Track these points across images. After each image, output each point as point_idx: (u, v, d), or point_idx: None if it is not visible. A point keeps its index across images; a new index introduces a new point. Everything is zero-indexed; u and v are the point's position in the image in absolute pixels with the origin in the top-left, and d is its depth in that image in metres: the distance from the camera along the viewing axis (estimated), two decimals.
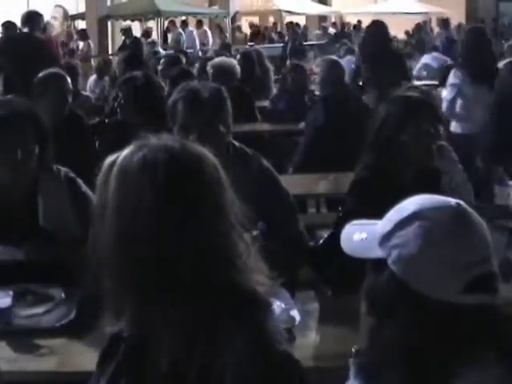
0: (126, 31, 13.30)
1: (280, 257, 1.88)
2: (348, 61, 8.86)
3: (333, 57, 6.61)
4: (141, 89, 4.57)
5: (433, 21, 23.25)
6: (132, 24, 16.98)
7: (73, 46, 15.49)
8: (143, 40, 13.15)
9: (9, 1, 17.68)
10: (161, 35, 18.77)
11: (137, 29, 17.58)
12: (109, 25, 18.96)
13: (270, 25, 25.11)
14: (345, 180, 3.43)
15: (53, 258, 2.65)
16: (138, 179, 1.32)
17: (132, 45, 11.62)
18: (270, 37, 21.28)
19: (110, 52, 17.04)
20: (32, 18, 7.29)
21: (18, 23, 7.82)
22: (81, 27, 18.25)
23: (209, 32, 19.14)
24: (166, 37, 18.74)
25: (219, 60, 7.05)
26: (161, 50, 12.39)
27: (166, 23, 19.01)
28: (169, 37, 18.49)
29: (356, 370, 1.45)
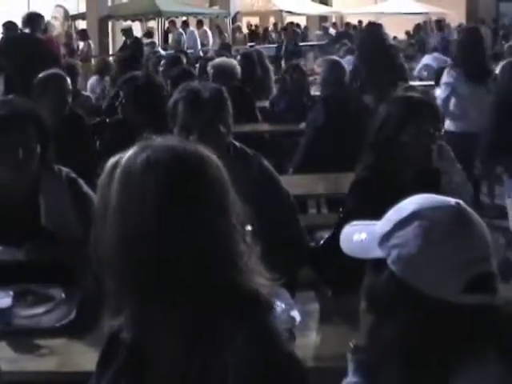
0: (127, 31, 13.27)
1: (280, 257, 1.88)
2: (348, 61, 8.84)
3: (334, 57, 6.61)
4: (141, 88, 4.58)
5: (433, 21, 23.25)
6: (133, 24, 16.96)
7: (73, 46, 15.48)
8: (145, 40, 13.14)
9: (9, 1, 17.68)
10: (161, 35, 18.77)
11: (137, 29, 17.55)
12: (109, 25, 18.96)
13: (271, 25, 25.11)
14: (345, 180, 3.43)
15: (53, 258, 2.64)
16: (142, 180, 1.32)
17: (132, 45, 11.63)
18: (270, 37, 21.26)
19: (111, 52, 17.04)
20: (33, 20, 7.29)
21: (19, 23, 7.83)
22: (81, 27, 18.23)
23: (209, 32, 19.12)
24: (167, 37, 18.75)
25: (219, 60, 7.06)
26: (161, 51, 12.37)
27: (167, 23, 19.02)
28: (169, 37, 18.50)
29: (355, 367, 1.45)
